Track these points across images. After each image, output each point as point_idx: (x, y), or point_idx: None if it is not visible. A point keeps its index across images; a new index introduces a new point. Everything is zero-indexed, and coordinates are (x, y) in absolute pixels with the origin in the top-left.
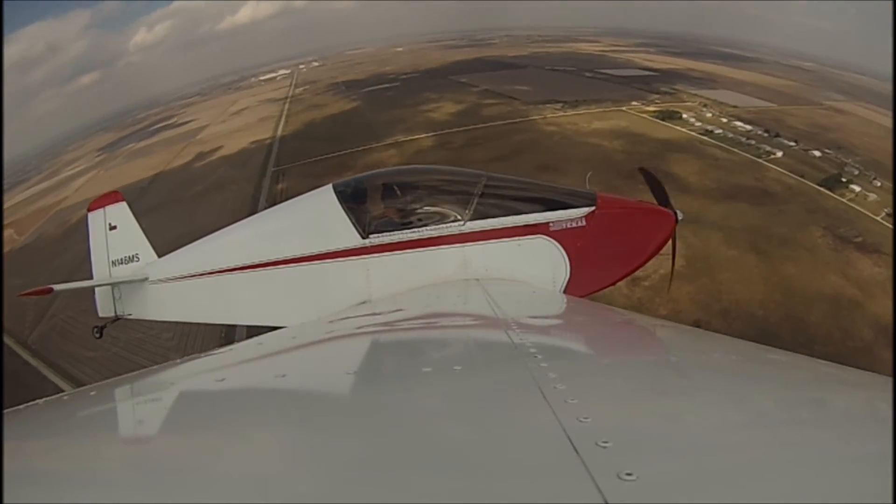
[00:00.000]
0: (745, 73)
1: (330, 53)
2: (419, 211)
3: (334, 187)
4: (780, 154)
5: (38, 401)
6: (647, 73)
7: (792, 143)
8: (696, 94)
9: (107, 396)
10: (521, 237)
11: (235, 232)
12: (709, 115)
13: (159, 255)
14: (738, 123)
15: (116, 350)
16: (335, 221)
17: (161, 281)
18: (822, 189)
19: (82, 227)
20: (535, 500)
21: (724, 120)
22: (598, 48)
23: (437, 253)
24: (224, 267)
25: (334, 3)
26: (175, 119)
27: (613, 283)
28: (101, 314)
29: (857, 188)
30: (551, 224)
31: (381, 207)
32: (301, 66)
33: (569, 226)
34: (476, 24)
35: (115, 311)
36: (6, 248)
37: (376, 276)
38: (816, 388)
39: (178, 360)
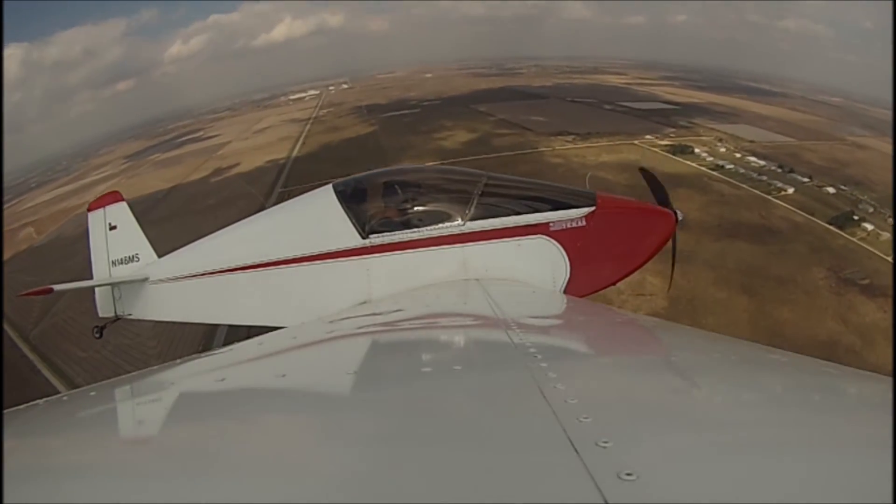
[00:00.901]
0: (769, 108)
1: (361, 76)
2: (419, 211)
3: (334, 187)
4: (791, 190)
5: (38, 401)
6: (667, 106)
7: (805, 180)
8: (713, 129)
9: (107, 396)
10: (521, 237)
11: (235, 232)
12: (723, 149)
13: (159, 256)
14: (752, 159)
15: (105, 353)
16: (335, 221)
17: (161, 281)
18: (831, 227)
19: None
20: (535, 500)
21: (738, 155)
22: (623, 80)
23: (437, 253)
24: (224, 267)
25: (370, 25)
26: (202, 132)
27: (613, 283)
28: (101, 314)
29: (869, 226)
30: (551, 224)
31: (382, 207)
32: (331, 88)
33: (569, 226)
34: (509, 52)
35: (115, 311)
36: (24, 246)
37: (376, 276)
38: (816, 388)
39: (178, 360)
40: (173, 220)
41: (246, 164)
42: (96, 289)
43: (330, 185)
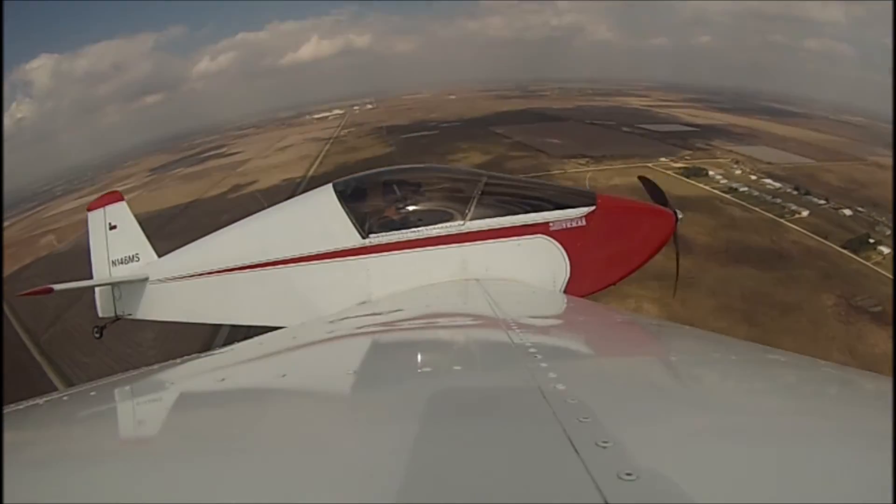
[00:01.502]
0: (790, 129)
1: (387, 96)
2: (419, 210)
3: (334, 187)
4: (805, 213)
5: (38, 400)
6: (686, 128)
7: (822, 202)
8: (731, 150)
9: (107, 396)
10: (521, 237)
11: (235, 231)
12: (738, 172)
13: (159, 256)
14: (768, 181)
15: (107, 361)
16: (335, 221)
17: (161, 281)
18: (845, 251)
19: None
20: (535, 500)
21: (754, 177)
22: (645, 102)
23: (437, 253)
24: (224, 267)
25: (396, 46)
26: (226, 149)
27: (614, 283)
28: (101, 314)
29: (885, 250)
30: (551, 224)
31: (381, 207)
32: (355, 108)
33: (569, 225)
34: (535, 74)
35: (116, 311)
36: (44, 253)
37: (376, 276)
38: (816, 388)
39: (178, 360)
40: (184, 234)
41: (264, 181)
42: (96, 289)
43: (330, 185)
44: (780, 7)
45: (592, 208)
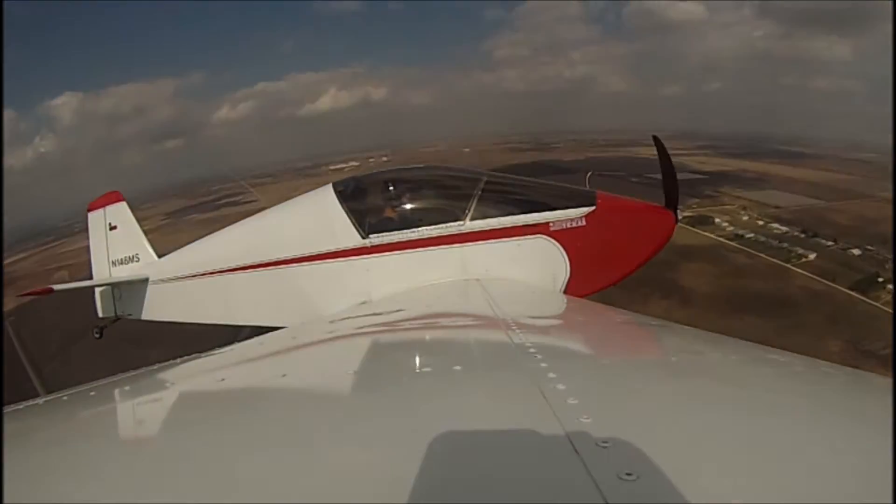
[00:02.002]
0: (800, 171)
1: (404, 148)
2: (419, 210)
3: (334, 187)
4: (812, 256)
5: (38, 401)
6: (696, 176)
7: (830, 243)
8: (740, 196)
9: (107, 396)
10: (521, 237)
11: (235, 232)
12: (745, 217)
13: (159, 257)
14: (776, 225)
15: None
16: (335, 221)
17: (161, 281)
18: (853, 293)
19: None
20: (535, 500)
21: (761, 222)
22: (656, 152)
23: (437, 253)
24: (224, 267)
25: (413, 98)
26: (241, 197)
27: (614, 283)
28: (101, 314)
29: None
30: (551, 224)
31: (382, 207)
32: (371, 160)
33: (569, 225)
34: (549, 126)
35: (116, 312)
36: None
37: (376, 276)
38: (816, 388)
39: (178, 360)
40: None
41: None
42: (96, 289)
43: (330, 185)
44: (788, 48)
45: (592, 208)
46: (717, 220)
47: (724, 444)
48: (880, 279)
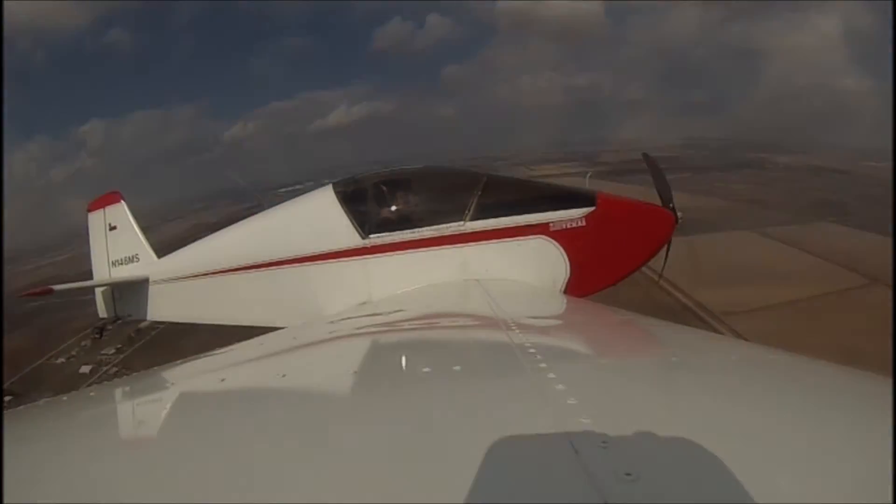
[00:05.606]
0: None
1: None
2: (419, 211)
3: (334, 187)
4: None
5: (38, 401)
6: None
7: None
8: None
9: (107, 396)
10: (521, 237)
11: (236, 232)
12: None
13: (159, 257)
14: None
15: None
16: (335, 221)
17: (161, 281)
18: None
19: None
20: (535, 500)
21: None
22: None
23: (437, 253)
24: (224, 267)
25: (425, 112)
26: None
27: (614, 283)
28: (101, 314)
29: None
30: (551, 224)
31: (381, 207)
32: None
33: (569, 226)
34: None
35: (116, 312)
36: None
37: (376, 277)
38: (816, 387)
39: (178, 361)
40: None
41: None
42: (96, 289)
43: (329, 185)
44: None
45: (592, 208)
46: None
47: (724, 444)
48: None
